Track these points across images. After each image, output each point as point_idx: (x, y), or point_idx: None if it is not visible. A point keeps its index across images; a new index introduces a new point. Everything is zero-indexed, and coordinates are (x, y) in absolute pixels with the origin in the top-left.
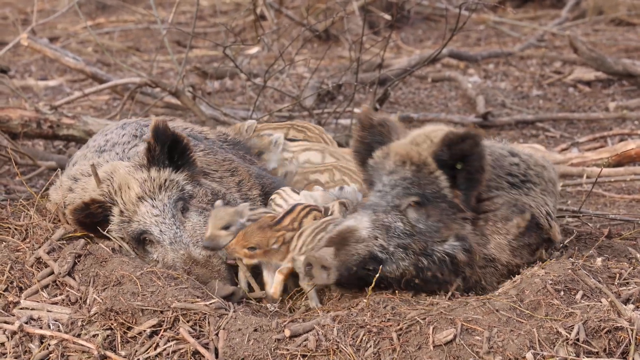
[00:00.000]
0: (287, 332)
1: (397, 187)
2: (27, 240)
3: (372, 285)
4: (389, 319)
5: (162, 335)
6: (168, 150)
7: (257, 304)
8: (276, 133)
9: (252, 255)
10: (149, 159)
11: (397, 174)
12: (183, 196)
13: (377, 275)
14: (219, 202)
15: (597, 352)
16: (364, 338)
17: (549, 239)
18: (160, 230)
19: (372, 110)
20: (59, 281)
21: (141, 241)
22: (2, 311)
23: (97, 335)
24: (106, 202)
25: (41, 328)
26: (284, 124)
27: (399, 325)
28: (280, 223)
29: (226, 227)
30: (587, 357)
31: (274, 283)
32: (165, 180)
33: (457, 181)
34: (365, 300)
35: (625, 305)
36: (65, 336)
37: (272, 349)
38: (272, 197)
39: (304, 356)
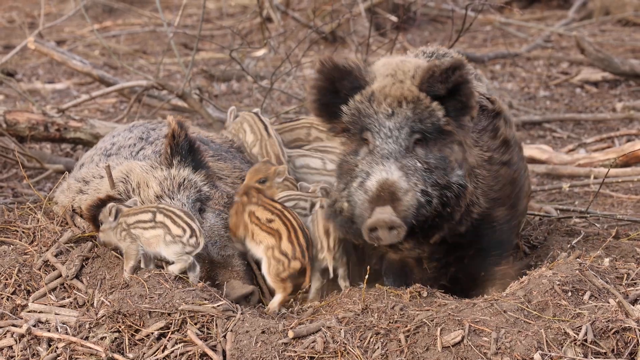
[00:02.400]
0: (294, 334)
1: (404, 128)
2: (35, 243)
3: (366, 276)
4: (396, 321)
5: (169, 337)
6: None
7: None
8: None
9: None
10: (172, 147)
11: (398, 115)
12: (200, 197)
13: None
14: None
15: (605, 353)
16: (371, 340)
17: (497, 113)
18: None
19: (333, 57)
20: (67, 284)
21: None
22: (10, 314)
23: (105, 337)
24: (123, 200)
25: (49, 331)
26: (302, 122)
27: (406, 326)
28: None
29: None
30: (595, 357)
31: (275, 301)
32: (184, 180)
33: (447, 109)
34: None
35: (633, 305)
36: (73, 339)
37: (280, 351)
38: None
39: (311, 358)
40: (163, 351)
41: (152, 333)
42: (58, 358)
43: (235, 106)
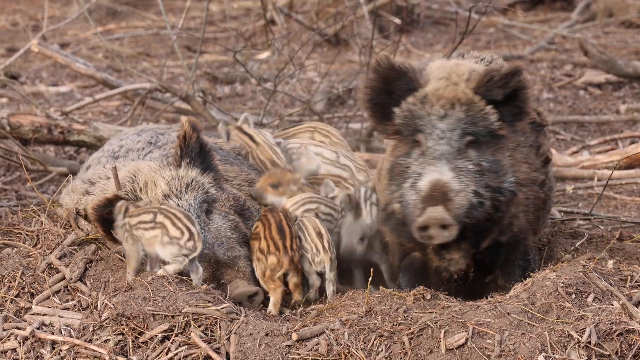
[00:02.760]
0: (298, 337)
1: (456, 130)
2: (39, 246)
3: (370, 281)
4: (400, 323)
5: (173, 340)
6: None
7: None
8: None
9: None
10: (182, 149)
11: (451, 117)
12: (207, 199)
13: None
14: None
15: (609, 355)
16: (375, 342)
17: (541, 126)
18: None
19: (390, 57)
20: (71, 287)
21: None
22: (14, 317)
23: (109, 340)
24: (130, 200)
25: (53, 333)
26: (305, 127)
27: (410, 329)
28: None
29: None
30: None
31: (270, 304)
32: (192, 180)
33: (502, 113)
34: (375, 306)
35: (637, 307)
36: (77, 341)
37: (284, 353)
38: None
39: None
40: (167, 354)
41: (156, 335)
42: None
43: (225, 123)
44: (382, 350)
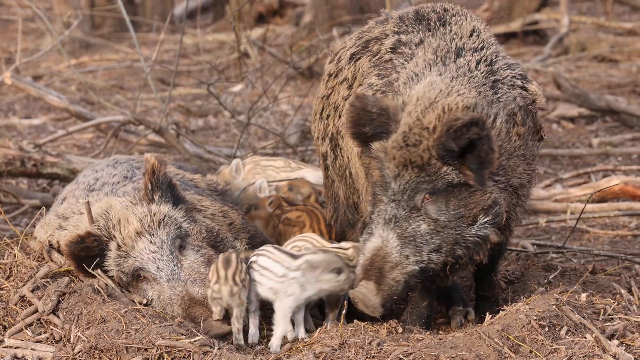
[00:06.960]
0: None
1: (407, 190)
2: (11, 278)
3: (344, 314)
4: (373, 356)
5: None
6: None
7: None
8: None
9: None
10: (152, 183)
11: (403, 177)
12: (180, 234)
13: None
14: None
15: None
16: None
17: (535, 102)
18: (158, 267)
19: (366, 95)
20: (43, 319)
21: (136, 278)
22: None
23: None
24: (102, 237)
25: None
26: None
27: None
28: None
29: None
30: None
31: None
32: (164, 216)
33: (467, 161)
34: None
35: (610, 340)
36: None
37: None
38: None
39: None
40: None
41: None
42: None
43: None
44: None
